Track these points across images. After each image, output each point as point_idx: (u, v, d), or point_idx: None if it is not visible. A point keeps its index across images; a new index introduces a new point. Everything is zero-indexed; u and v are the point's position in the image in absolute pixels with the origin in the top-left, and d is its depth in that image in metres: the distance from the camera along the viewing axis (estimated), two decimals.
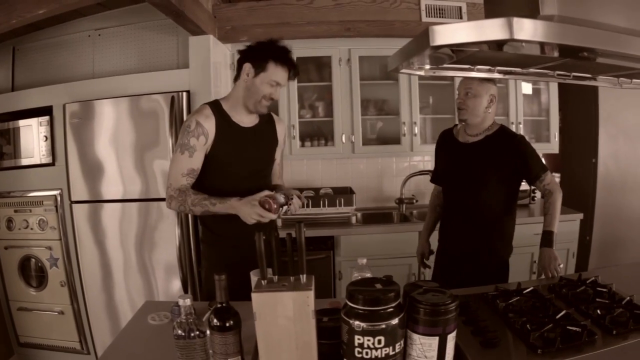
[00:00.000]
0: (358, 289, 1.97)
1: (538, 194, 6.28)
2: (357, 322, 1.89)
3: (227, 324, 2.06)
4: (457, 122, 4.19)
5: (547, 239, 3.73)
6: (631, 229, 5.94)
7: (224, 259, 3.38)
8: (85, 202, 5.09)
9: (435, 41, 1.91)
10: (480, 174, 3.82)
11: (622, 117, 5.89)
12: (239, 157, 3.35)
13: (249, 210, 3.00)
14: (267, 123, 3.59)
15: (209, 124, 3.24)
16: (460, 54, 2.47)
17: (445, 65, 2.90)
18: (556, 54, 2.38)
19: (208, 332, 2.11)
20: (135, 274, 5.09)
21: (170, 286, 5.03)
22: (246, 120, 3.42)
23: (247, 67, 3.26)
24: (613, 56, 2.29)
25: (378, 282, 2.02)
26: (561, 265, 3.63)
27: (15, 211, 5.32)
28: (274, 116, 3.74)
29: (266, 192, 3.07)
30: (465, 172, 3.90)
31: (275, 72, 3.23)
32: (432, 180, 4.46)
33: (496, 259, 3.95)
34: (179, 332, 2.11)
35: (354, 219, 5.76)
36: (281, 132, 3.74)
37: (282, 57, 3.24)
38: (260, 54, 3.24)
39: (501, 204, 3.85)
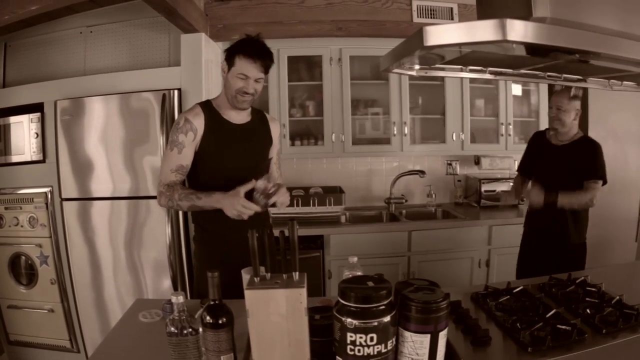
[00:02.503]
0: (350, 287, 1.98)
1: None
2: (349, 320, 1.90)
3: (220, 321, 2.06)
4: (544, 128, 4.90)
5: (553, 195, 4.36)
6: (619, 231, 5.98)
7: (216, 258, 3.37)
8: (75, 200, 5.07)
9: (428, 41, 1.92)
10: (565, 170, 4.49)
11: (611, 119, 5.92)
12: (228, 151, 3.39)
13: (230, 200, 3.07)
14: (260, 121, 3.65)
15: (198, 121, 3.31)
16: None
17: (437, 66, 2.91)
18: (548, 56, 2.40)
19: (200, 329, 2.12)
20: (124, 271, 5.09)
21: (160, 284, 5.03)
22: (236, 117, 3.47)
23: (223, 64, 3.34)
24: (605, 58, 2.30)
25: (370, 280, 2.03)
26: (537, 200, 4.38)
27: (6, 208, 5.30)
28: (267, 115, 3.77)
29: (249, 185, 3.13)
30: (555, 168, 4.57)
31: (242, 65, 3.26)
32: (518, 169, 5.15)
33: (572, 242, 4.56)
34: (172, 329, 2.11)
35: (343, 218, 5.81)
36: (275, 131, 3.76)
37: (248, 49, 3.27)
38: (230, 50, 3.30)
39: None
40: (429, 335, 1.99)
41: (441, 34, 1.92)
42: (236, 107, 3.39)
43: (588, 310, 2.68)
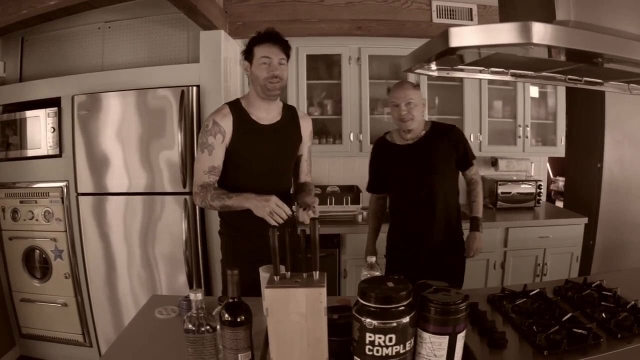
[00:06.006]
0: (370, 287, 1.98)
1: (543, 197, 6.30)
2: (368, 320, 1.91)
3: (239, 319, 2.07)
4: (393, 130, 4.39)
5: (476, 224, 4.21)
6: (635, 235, 5.95)
7: (243, 252, 3.45)
8: (91, 195, 5.09)
9: (453, 43, 1.92)
10: (428, 168, 4.06)
11: (628, 123, 5.90)
12: (258, 153, 3.41)
13: (262, 199, 3.08)
14: (290, 120, 3.64)
15: (226, 122, 3.35)
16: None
17: (458, 67, 2.91)
18: (570, 59, 2.39)
19: (218, 327, 2.13)
20: (139, 267, 5.11)
21: (174, 280, 5.04)
22: (266, 117, 3.47)
23: (244, 63, 3.42)
24: (627, 62, 2.30)
25: (390, 281, 2.03)
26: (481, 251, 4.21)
27: (21, 202, 5.33)
28: (299, 112, 3.76)
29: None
30: (413, 170, 4.09)
31: (261, 51, 3.30)
32: (368, 189, 4.61)
33: (453, 253, 4.20)
34: (189, 326, 2.12)
35: (360, 218, 5.75)
36: (306, 128, 3.74)
37: (262, 36, 3.34)
38: (247, 47, 3.37)
39: (449, 192, 4.15)
40: (447, 337, 2.00)
41: (466, 36, 1.92)
42: (269, 97, 3.39)
43: (604, 315, 2.68)
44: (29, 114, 5.24)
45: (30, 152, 5.30)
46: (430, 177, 4.06)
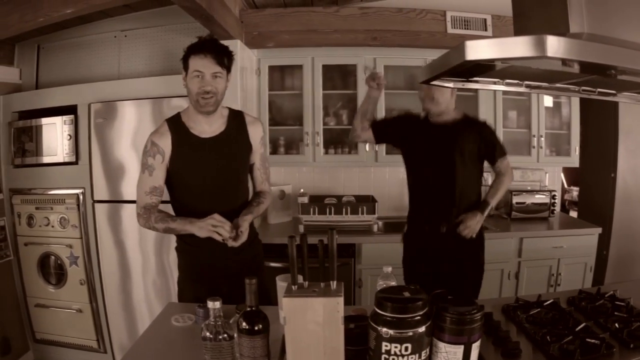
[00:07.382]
0: (387, 297, 1.99)
1: (557, 207, 6.29)
2: (384, 329, 1.92)
3: (256, 328, 2.10)
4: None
5: (483, 206, 4.16)
6: None
7: (199, 266, 3.44)
8: (106, 202, 5.13)
9: (469, 56, 1.93)
10: (451, 149, 4.11)
11: None
12: (199, 170, 3.31)
13: (201, 222, 3.09)
14: (236, 129, 3.51)
15: (164, 142, 3.28)
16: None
17: (474, 79, 2.92)
18: (584, 71, 2.40)
19: (236, 335, 2.15)
20: (154, 274, 5.13)
21: None
22: (208, 129, 3.39)
23: (183, 74, 3.27)
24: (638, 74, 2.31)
25: (406, 291, 2.04)
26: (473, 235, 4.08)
27: (37, 208, 5.35)
28: (247, 118, 3.61)
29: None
30: (438, 147, 4.17)
31: (194, 63, 3.16)
32: (373, 124, 4.53)
33: (469, 250, 4.20)
34: (207, 334, 2.15)
35: (375, 227, 5.74)
36: (255, 134, 3.60)
37: (196, 48, 3.19)
38: (184, 56, 3.22)
39: (469, 180, 4.21)
40: (462, 347, 2.01)
41: (481, 49, 1.93)
42: (202, 112, 3.27)
43: (616, 325, 2.69)
44: (45, 121, 5.27)
45: (47, 159, 5.33)
46: (443, 161, 4.13)
